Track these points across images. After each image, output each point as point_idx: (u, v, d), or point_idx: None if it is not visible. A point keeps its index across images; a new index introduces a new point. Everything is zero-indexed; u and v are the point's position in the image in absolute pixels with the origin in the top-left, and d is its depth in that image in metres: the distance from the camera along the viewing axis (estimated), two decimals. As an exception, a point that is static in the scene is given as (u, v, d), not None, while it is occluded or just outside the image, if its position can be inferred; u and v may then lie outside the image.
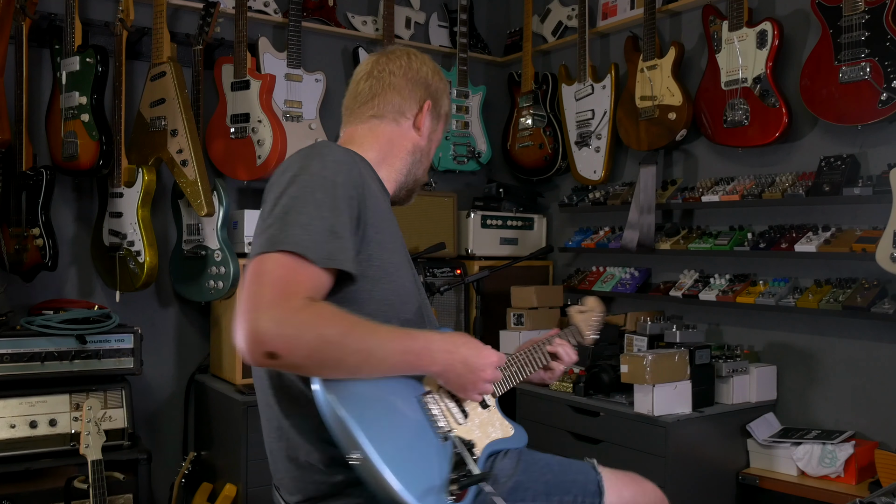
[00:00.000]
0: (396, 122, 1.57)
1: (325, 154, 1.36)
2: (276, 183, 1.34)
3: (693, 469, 2.51)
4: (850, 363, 2.60)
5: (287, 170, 1.34)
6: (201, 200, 2.80)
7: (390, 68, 1.57)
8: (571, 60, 3.56)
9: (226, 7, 3.17)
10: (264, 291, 1.18)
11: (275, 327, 1.15)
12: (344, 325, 1.22)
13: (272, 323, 1.15)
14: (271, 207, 1.29)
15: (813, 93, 2.55)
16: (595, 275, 3.36)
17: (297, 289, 1.20)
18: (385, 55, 1.60)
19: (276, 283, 1.19)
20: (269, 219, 1.27)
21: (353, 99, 1.59)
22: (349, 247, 1.29)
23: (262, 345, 1.15)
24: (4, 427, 2.50)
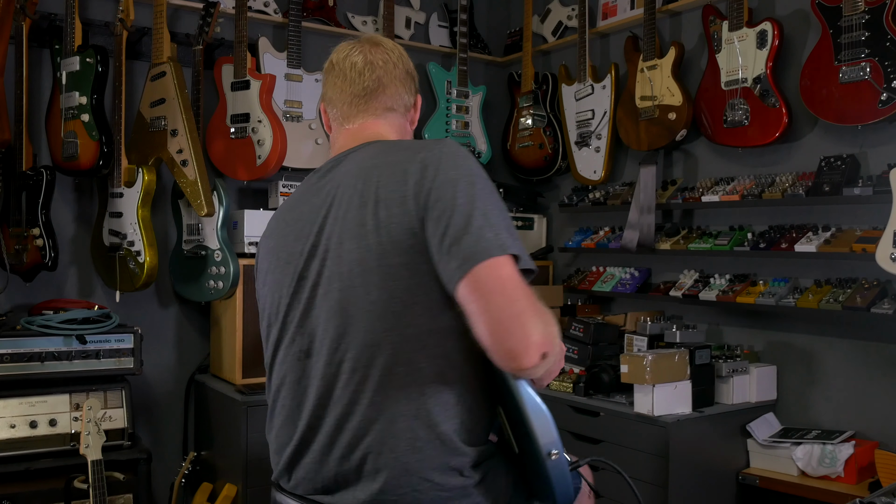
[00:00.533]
0: (403, 116, 1.56)
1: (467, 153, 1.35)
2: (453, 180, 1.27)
3: (693, 469, 2.51)
4: (850, 363, 2.60)
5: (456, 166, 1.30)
6: (201, 200, 2.80)
7: (391, 59, 1.53)
8: (571, 60, 3.56)
9: (226, 7, 3.17)
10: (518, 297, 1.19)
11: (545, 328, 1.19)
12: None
13: (542, 325, 1.19)
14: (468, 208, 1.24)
15: (813, 93, 2.55)
16: (595, 275, 3.36)
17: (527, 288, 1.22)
18: (380, 45, 1.54)
19: (519, 287, 1.20)
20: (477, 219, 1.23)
21: (363, 90, 1.50)
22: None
23: (540, 348, 1.18)
24: (4, 427, 2.50)
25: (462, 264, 1.19)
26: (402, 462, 1.28)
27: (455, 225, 1.22)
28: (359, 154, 1.43)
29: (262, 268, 1.49)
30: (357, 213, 1.31)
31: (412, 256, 1.26)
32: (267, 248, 1.49)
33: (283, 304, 1.40)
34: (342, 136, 1.52)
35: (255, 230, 2.98)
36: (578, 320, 3.07)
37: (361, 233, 1.30)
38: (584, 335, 2.99)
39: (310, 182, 1.48)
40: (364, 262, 1.29)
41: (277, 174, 3.17)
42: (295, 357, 1.37)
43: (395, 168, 1.32)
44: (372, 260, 1.28)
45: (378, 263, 1.28)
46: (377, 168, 1.35)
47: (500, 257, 1.20)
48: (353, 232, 1.31)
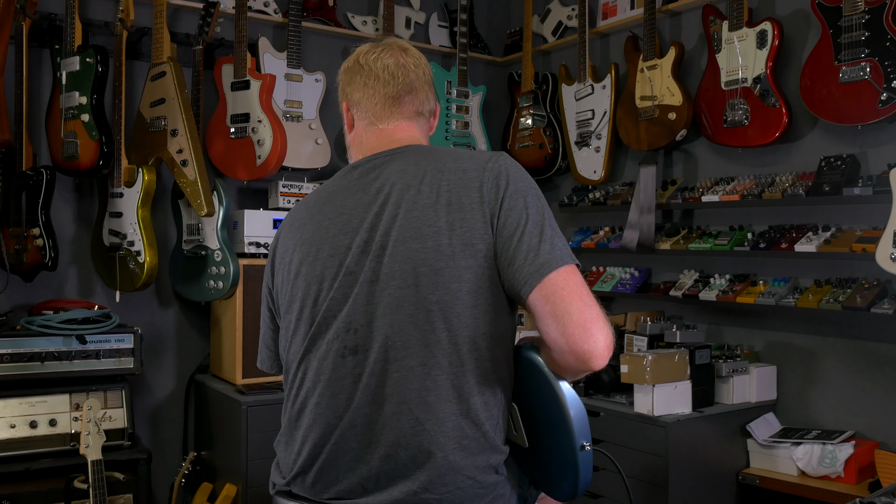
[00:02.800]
0: (427, 122, 1.58)
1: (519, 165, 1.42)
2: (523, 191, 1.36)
3: (693, 469, 2.51)
4: (850, 363, 2.60)
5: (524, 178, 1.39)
6: (201, 200, 2.80)
7: (420, 64, 1.54)
8: (571, 60, 3.56)
9: (226, 7, 3.16)
10: (590, 304, 1.27)
11: (611, 332, 1.28)
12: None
13: (609, 330, 1.27)
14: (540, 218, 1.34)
15: (813, 93, 2.55)
16: (595, 275, 3.36)
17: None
18: (402, 49, 1.55)
19: (589, 294, 1.29)
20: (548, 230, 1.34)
21: (396, 92, 1.51)
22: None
23: (609, 349, 1.26)
24: (4, 427, 2.50)
25: (539, 270, 1.28)
26: (450, 460, 1.30)
27: (529, 234, 1.31)
28: (408, 156, 1.44)
29: (291, 259, 1.46)
30: (423, 213, 1.34)
31: (478, 261, 1.31)
32: (297, 238, 1.46)
33: (323, 298, 1.38)
34: (373, 136, 1.51)
35: (255, 230, 2.98)
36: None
37: (429, 233, 1.32)
38: (584, 335, 2.99)
39: (349, 178, 1.47)
40: (429, 262, 1.31)
41: (277, 174, 3.17)
42: (337, 353, 1.35)
43: (465, 175, 1.37)
44: (439, 261, 1.31)
45: (445, 265, 1.31)
46: (443, 173, 1.37)
47: (571, 265, 1.31)
48: (420, 232, 1.33)
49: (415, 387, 1.31)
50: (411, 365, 1.31)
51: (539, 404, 1.37)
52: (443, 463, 1.30)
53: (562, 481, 1.37)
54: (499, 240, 1.32)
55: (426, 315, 1.31)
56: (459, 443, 1.31)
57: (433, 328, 1.30)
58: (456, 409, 1.31)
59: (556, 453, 1.35)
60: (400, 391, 1.31)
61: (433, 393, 1.31)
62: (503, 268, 1.31)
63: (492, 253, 1.32)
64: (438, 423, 1.30)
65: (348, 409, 1.34)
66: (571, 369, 1.30)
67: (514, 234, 1.31)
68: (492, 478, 1.35)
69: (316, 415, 1.37)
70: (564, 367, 1.30)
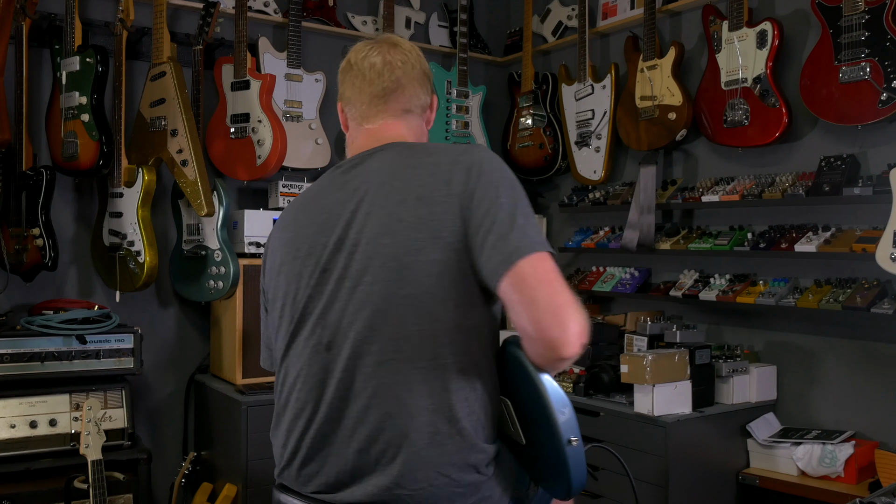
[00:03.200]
0: (419, 118, 1.56)
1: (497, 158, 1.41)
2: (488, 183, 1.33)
3: (693, 469, 2.51)
4: (850, 363, 2.60)
5: (497, 169, 1.37)
6: (201, 200, 2.80)
7: (409, 60, 1.54)
8: (571, 60, 3.56)
9: (226, 7, 3.17)
10: (561, 290, 1.24)
11: (584, 320, 1.23)
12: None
13: (582, 317, 1.23)
14: (507, 212, 1.30)
15: (813, 93, 2.55)
16: (595, 275, 3.36)
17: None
18: (391, 45, 1.55)
19: (562, 281, 1.26)
20: (520, 218, 1.30)
21: (382, 90, 1.51)
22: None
23: (582, 337, 1.22)
24: (4, 427, 2.50)
25: (508, 258, 1.25)
26: (422, 456, 1.29)
27: (500, 222, 1.28)
28: (387, 154, 1.44)
29: (276, 259, 1.49)
30: (395, 209, 1.34)
31: (448, 254, 1.30)
32: (282, 239, 1.49)
33: (301, 296, 1.40)
34: (361, 135, 1.53)
35: (255, 230, 2.98)
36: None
37: (399, 228, 1.33)
38: (584, 335, 2.99)
39: (331, 177, 1.49)
40: (399, 257, 1.32)
41: (277, 174, 3.17)
42: (313, 349, 1.37)
43: (436, 169, 1.36)
44: (408, 255, 1.31)
45: (414, 259, 1.31)
46: (416, 168, 1.38)
47: (542, 252, 1.27)
48: (390, 227, 1.33)
49: (386, 381, 1.31)
50: (382, 360, 1.32)
51: (525, 400, 1.35)
52: (414, 458, 1.30)
53: (556, 479, 1.35)
54: (469, 231, 1.30)
55: (396, 310, 1.31)
56: (432, 438, 1.30)
57: (403, 322, 1.31)
58: (428, 404, 1.30)
59: (545, 449, 1.33)
60: (372, 386, 1.32)
61: (404, 388, 1.31)
62: (475, 259, 1.29)
63: (463, 245, 1.30)
64: (409, 418, 1.30)
65: (323, 404, 1.36)
66: (543, 359, 1.26)
67: (483, 224, 1.29)
68: (471, 477, 1.32)
69: (296, 409, 1.40)
70: (536, 356, 1.27)
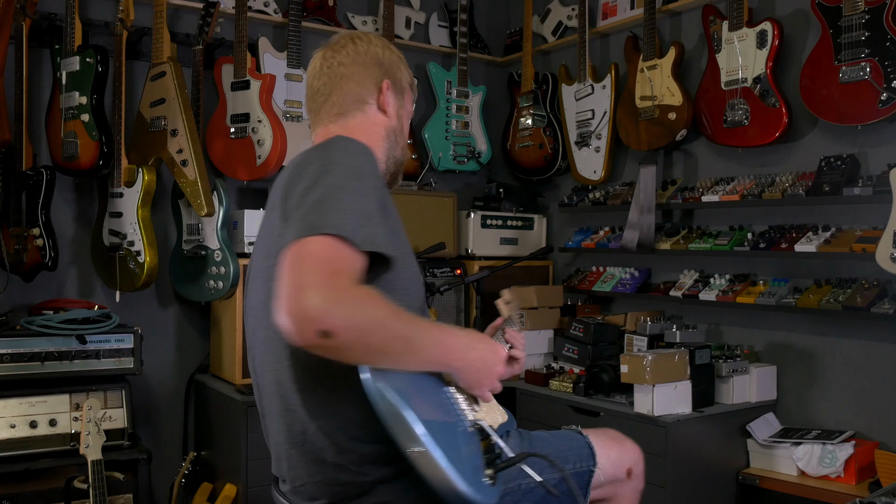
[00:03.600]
0: (362, 112, 1.56)
1: (347, 146, 1.36)
2: (300, 176, 1.31)
3: (693, 469, 2.51)
4: (850, 363, 2.60)
5: (311, 162, 1.33)
6: (201, 200, 2.80)
7: (339, 60, 1.56)
8: (571, 60, 3.56)
9: (226, 7, 3.16)
10: (311, 271, 1.13)
11: (327, 304, 1.10)
12: (389, 309, 1.17)
13: (324, 300, 1.10)
14: (300, 198, 1.25)
15: (813, 93, 2.55)
16: (595, 275, 3.36)
17: (343, 268, 1.17)
18: (331, 48, 1.58)
19: (323, 264, 1.15)
20: (302, 208, 1.23)
21: (313, 99, 1.58)
22: (384, 231, 1.27)
23: (314, 322, 1.09)
24: (4, 427, 2.50)
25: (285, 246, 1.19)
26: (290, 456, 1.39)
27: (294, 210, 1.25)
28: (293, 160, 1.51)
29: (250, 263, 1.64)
30: (269, 215, 1.45)
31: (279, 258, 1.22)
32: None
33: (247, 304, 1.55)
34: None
35: (254, 230, 2.98)
36: (578, 320, 3.07)
37: (267, 233, 1.43)
38: (584, 335, 2.99)
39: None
40: (258, 262, 1.45)
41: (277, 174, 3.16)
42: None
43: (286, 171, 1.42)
44: (266, 259, 1.39)
45: (268, 263, 1.36)
46: (282, 174, 1.43)
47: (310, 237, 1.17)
48: (264, 233, 1.47)
49: (264, 381, 1.43)
50: (261, 361, 1.44)
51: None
52: (286, 460, 1.41)
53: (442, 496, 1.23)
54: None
55: (262, 314, 1.39)
56: (291, 440, 1.37)
57: (266, 325, 1.37)
58: (279, 405, 1.39)
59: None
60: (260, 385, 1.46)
61: (267, 388, 1.42)
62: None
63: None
64: (272, 419, 1.43)
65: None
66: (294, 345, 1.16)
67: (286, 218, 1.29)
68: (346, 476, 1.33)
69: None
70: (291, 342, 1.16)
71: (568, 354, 3.06)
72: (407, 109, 1.64)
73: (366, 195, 1.27)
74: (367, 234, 1.21)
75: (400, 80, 1.61)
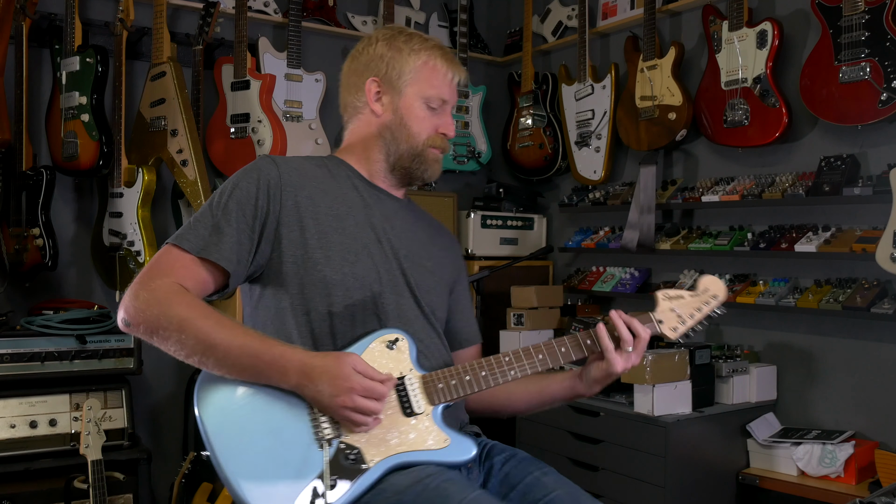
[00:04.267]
0: (358, 118, 1.61)
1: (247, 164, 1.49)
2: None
3: (693, 469, 2.51)
4: (850, 363, 2.60)
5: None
6: (201, 200, 2.80)
7: (343, 71, 1.64)
8: (571, 60, 3.56)
9: (226, 7, 3.16)
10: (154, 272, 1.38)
11: (129, 298, 1.35)
12: (192, 312, 1.32)
13: (129, 294, 1.35)
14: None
15: (813, 93, 2.55)
16: (595, 275, 3.36)
17: (165, 271, 1.37)
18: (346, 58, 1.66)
19: (150, 266, 1.39)
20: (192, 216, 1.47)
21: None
22: (230, 243, 1.40)
23: (120, 311, 1.36)
24: (4, 427, 2.50)
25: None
26: None
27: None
28: None
29: None
30: None
31: None
32: None
33: None
34: None
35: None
36: (578, 320, 3.07)
37: None
38: (584, 335, 2.99)
39: None
40: None
41: (277, 174, 3.17)
42: None
43: None
44: None
45: None
46: None
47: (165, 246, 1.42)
48: None
49: None
50: None
51: None
52: None
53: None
54: None
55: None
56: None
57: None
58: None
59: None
60: None
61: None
62: None
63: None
64: None
65: None
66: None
67: None
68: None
69: None
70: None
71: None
72: (407, 101, 1.55)
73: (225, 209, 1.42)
74: (203, 244, 1.39)
75: (391, 73, 1.55)
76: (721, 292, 1.51)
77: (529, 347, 1.46)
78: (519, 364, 1.44)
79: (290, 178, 1.48)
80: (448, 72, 1.58)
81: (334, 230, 1.48)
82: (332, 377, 1.30)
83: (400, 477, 1.32)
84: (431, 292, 1.57)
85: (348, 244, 1.48)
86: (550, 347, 1.46)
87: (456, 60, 1.61)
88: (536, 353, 1.45)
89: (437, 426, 1.39)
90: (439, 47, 1.59)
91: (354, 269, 1.46)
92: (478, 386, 1.43)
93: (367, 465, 1.33)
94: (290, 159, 1.54)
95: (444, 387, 1.41)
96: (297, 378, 1.32)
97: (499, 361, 1.44)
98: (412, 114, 1.56)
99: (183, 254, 1.38)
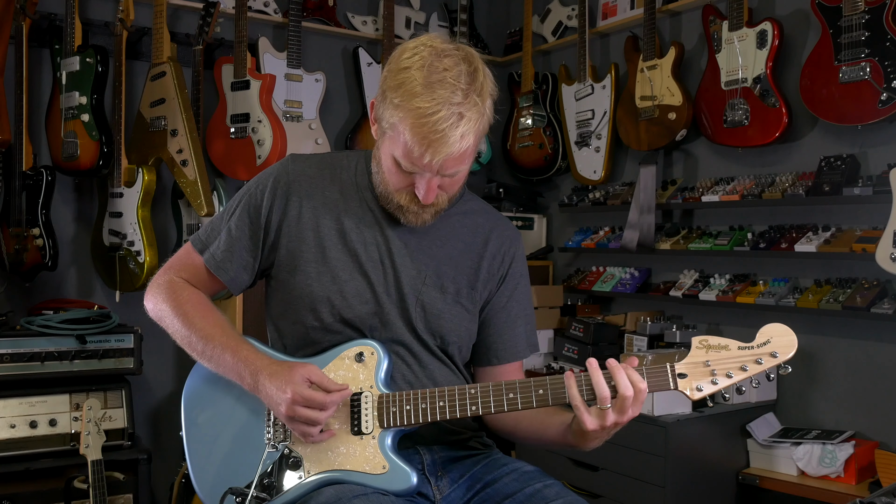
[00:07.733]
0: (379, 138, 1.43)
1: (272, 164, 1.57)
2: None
3: (693, 469, 2.51)
4: (850, 363, 2.60)
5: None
6: (201, 200, 2.80)
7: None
8: (571, 60, 3.56)
9: (226, 7, 3.17)
10: (170, 267, 1.56)
11: (148, 289, 1.55)
12: (178, 305, 1.47)
13: (149, 285, 1.55)
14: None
15: (813, 93, 2.55)
16: (595, 275, 3.36)
17: (176, 266, 1.55)
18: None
19: (170, 261, 1.57)
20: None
21: None
22: (234, 258, 1.49)
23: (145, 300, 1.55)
24: (4, 427, 2.50)
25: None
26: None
27: None
28: None
29: None
30: None
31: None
32: None
33: None
34: None
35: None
36: (578, 320, 3.07)
37: None
38: (584, 335, 2.99)
39: None
40: None
41: (277, 174, 3.17)
42: None
43: None
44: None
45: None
46: None
47: (186, 243, 1.57)
48: None
49: None
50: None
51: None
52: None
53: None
54: None
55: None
56: None
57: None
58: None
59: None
60: None
61: None
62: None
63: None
64: None
65: None
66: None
67: None
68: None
69: None
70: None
71: (568, 354, 3.07)
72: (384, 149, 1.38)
73: (235, 212, 1.51)
74: (206, 243, 1.52)
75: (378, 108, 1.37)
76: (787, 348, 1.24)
77: (502, 383, 1.33)
78: (484, 401, 1.32)
79: (300, 186, 1.49)
80: (416, 149, 1.28)
81: (333, 246, 1.47)
82: (280, 383, 1.33)
83: (326, 492, 1.32)
84: (441, 316, 1.48)
85: (344, 261, 1.46)
86: (526, 387, 1.31)
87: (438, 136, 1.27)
88: (508, 390, 1.31)
89: (381, 451, 1.34)
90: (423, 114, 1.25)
91: (344, 288, 1.44)
92: (432, 417, 1.33)
93: (302, 475, 1.37)
94: (311, 163, 1.52)
95: (396, 412, 1.34)
96: (252, 381, 1.38)
97: (462, 394, 1.33)
98: (385, 164, 1.39)
99: (196, 255, 1.53)
